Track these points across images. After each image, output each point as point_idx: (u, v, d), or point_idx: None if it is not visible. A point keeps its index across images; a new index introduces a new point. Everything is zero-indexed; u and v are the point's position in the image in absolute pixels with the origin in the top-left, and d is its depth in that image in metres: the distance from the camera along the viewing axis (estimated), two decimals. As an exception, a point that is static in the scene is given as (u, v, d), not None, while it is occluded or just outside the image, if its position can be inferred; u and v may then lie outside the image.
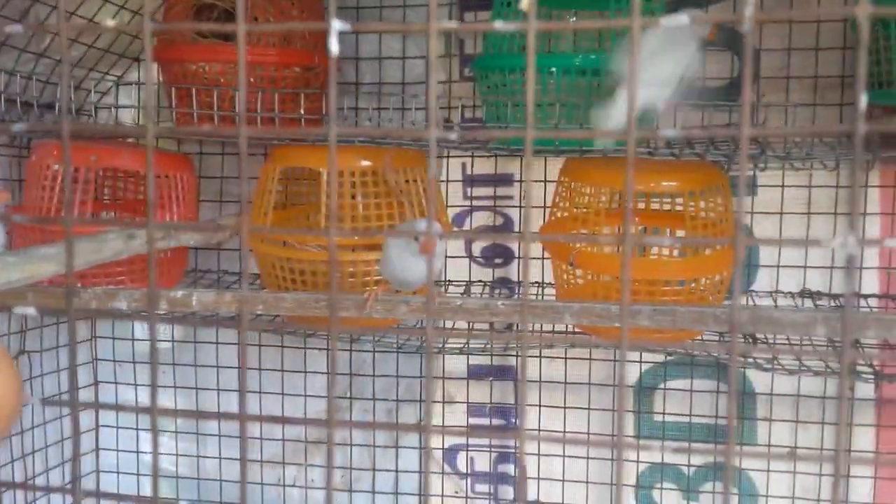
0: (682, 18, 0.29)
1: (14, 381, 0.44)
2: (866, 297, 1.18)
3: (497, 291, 1.28)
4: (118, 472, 1.41)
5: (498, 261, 1.30)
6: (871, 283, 1.19)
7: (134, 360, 1.38)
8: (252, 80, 1.08)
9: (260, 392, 1.34)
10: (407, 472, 1.34)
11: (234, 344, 1.33)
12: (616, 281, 1.04)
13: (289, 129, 0.35)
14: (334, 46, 0.32)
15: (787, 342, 1.12)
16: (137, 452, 1.41)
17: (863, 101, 0.30)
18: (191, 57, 1.09)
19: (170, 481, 1.41)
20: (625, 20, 0.30)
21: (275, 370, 1.33)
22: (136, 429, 1.40)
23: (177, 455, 1.39)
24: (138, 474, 1.41)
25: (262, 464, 1.36)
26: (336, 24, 0.31)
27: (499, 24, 0.34)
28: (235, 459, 1.36)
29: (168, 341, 1.37)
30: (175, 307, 0.85)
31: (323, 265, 1.05)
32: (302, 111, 1.04)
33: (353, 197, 1.05)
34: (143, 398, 1.39)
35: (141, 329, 1.38)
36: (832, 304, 1.18)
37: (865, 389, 1.20)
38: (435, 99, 0.33)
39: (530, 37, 0.31)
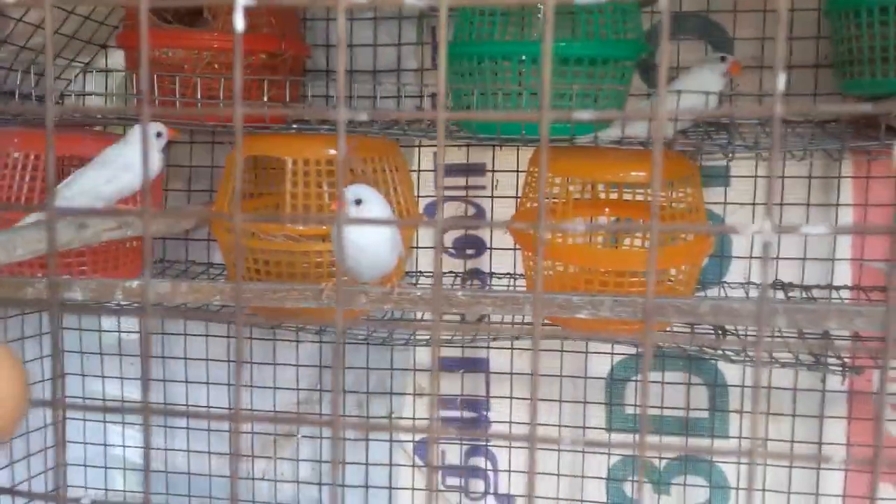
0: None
1: (16, 381, 0.42)
2: (838, 288, 1.18)
3: (469, 283, 1.26)
4: (85, 466, 1.39)
5: (470, 251, 1.28)
6: (843, 274, 1.18)
7: (101, 351, 1.36)
8: (216, 66, 1.06)
9: (228, 384, 1.32)
10: (377, 464, 1.33)
11: (202, 335, 1.31)
12: (584, 272, 1.03)
13: (189, 110, 0.34)
14: (239, 23, 0.30)
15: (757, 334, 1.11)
16: (105, 445, 1.39)
17: (781, 82, 0.28)
18: (153, 43, 1.07)
19: (138, 474, 1.39)
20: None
21: (245, 362, 1.32)
22: (104, 421, 1.38)
23: (146, 448, 1.37)
24: (106, 467, 1.39)
25: (231, 457, 1.34)
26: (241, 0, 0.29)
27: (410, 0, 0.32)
28: (204, 452, 1.34)
29: (135, 332, 1.35)
30: (130, 297, 0.83)
31: (288, 255, 1.03)
32: (265, 98, 1.02)
33: (320, 186, 1.03)
34: (111, 390, 1.37)
35: (109, 320, 1.36)
36: (804, 295, 1.17)
37: (837, 381, 1.19)
38: (343, 78, 0.31)
39: (442, 13, 0.30)
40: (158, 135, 1.00)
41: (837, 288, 1.18)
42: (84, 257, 1.07)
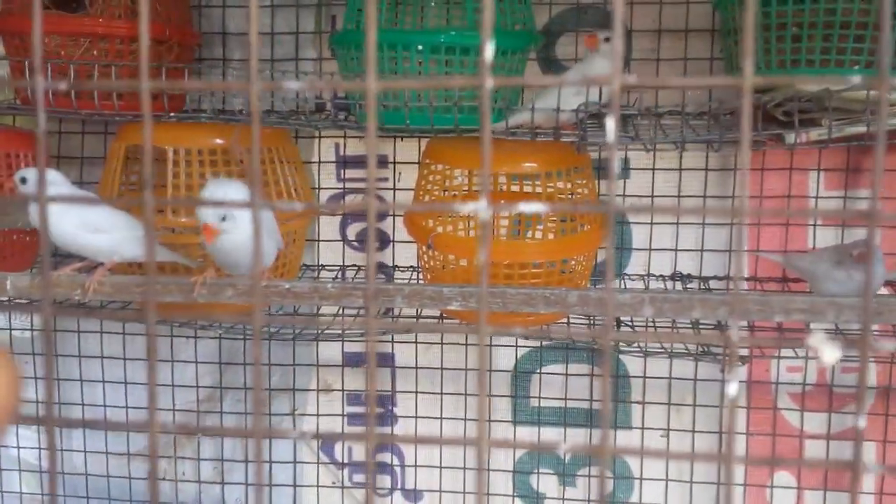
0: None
1: (8, 379, 0.39)
2: (735, 279, 1.19)
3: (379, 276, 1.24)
4: (-21, 469, 1.34)
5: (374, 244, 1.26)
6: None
7: (-9, 350, 1.30)
8: (96, 52, 1.02)
9: (125, 383, 1.28)
10: (281, 462, 1.30)
11: (97, 332, 1.27)
12: (490, 265, 1.02)
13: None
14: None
15: (653, 325, 1.12)
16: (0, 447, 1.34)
17: (488, 52, 0.27)
18: (29, 28, 1.02)
19: (34, 475, 1.35)
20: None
21: (142, 360, 1.28)
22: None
23: (40, 448, 1.33)
24: (1, 469, 1.34)
25: (130, 457, 1.31)
26: None
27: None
28: (102, 453, 1.30)
29: (27, 329, 1.30)
30: (-10, 292, 0.80)
31: (181, 249, 1.00)
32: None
33: (203, 177, 1.00)
34: (3, 390, 1.32)
35: (1, 317, 1.31)
36: (702, 286, 1.18)
37: (738, 371, 1.21)
38: (40, 36, 0.29)
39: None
40: None
41: (734, 279, 1.18)
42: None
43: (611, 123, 0.28)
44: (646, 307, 0.70)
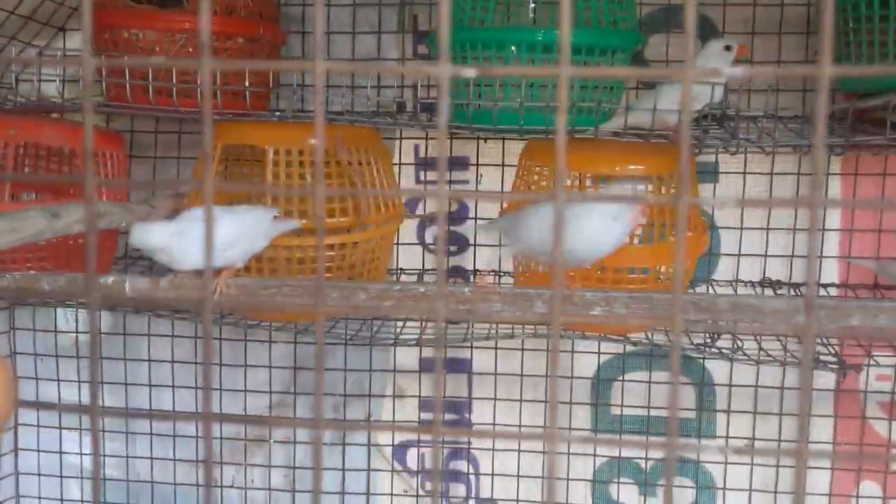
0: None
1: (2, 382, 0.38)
2: (826, 286, 1.17)
3: (452, 280, 1.22)
4: (39, 475, 1.30)
5: (452, 248, 1.24)
6: (830, 272, 1.17)
7: (57, 353, 1.27)
8: (191, 49, 0.99)
9: (196, 388, 1.25)
10: (354, 470, 1.27)
11: (167, 336, 1.24)
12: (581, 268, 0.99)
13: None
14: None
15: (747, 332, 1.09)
16: (61, 453, 1.30)
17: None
18: (125, 23, 1.00)
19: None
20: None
21: (213, 364, 1.25)
22: (59, 428, 1.29)
23: (104, 455, 1.29)
24: (62, 476, 1.31)
25: (198, 464, 1.27)
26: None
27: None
28: (168, 459, 1.27)
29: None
30: (108, 295, 0.77)
31: (283, 251, 0.96)
32: (247, 83, 0.95)
33: (302, 177, 0.98)
34: (67, 394, 1.28)
35: (65, 320, 1.28)
36: (792, 292, 1.16)
37: (825, 380, 1.19)
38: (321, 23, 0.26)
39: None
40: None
41: (826, 286, 1.16)
42: (45, 252, 0.99)
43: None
44: (800, 314, 0.68)
